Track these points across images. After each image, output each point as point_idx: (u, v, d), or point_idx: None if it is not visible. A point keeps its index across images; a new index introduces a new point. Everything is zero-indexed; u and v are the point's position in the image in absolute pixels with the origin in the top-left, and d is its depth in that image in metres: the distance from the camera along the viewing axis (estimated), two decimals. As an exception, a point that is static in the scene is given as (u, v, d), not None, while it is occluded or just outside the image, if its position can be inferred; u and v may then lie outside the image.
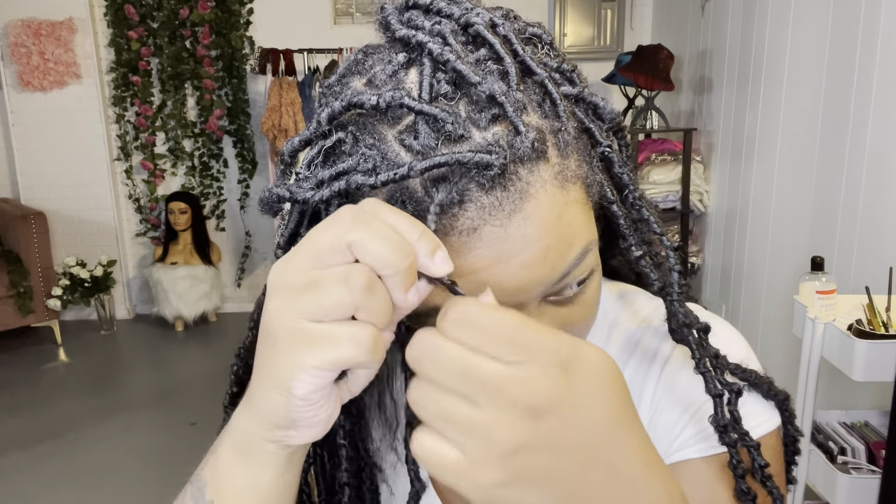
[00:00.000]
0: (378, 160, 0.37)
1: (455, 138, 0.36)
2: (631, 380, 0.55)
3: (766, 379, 0.52)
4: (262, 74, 4.15)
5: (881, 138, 1.95)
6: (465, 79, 0.37)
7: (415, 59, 0.39)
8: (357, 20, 4.28)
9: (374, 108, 0.37)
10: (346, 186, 0.37)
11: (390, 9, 0.42)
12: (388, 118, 0.38)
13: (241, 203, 4.46)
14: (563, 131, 0.39)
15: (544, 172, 0.38)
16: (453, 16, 0.40)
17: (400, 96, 0.36)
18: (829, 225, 2.20)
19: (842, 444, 1.66)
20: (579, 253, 0.40)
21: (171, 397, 3.32)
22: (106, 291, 4.19)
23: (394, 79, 0.39)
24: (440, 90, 0.37)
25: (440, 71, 0.37)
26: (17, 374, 3.64)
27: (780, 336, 2.52)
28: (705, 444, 0.50)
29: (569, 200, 0.39)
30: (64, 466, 2.70)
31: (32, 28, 4.06)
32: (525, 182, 0.37)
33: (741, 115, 2.91)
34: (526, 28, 0.43)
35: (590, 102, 0.43)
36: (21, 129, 4.22)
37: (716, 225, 3.24)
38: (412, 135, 0.37)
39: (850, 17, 2.08)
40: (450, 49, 0.37)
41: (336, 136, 0.39)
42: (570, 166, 0.40)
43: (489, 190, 0.36)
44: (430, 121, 0.36)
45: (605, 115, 0.44)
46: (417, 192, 0.37)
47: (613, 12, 4.13)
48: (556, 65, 0.42)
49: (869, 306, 1.56)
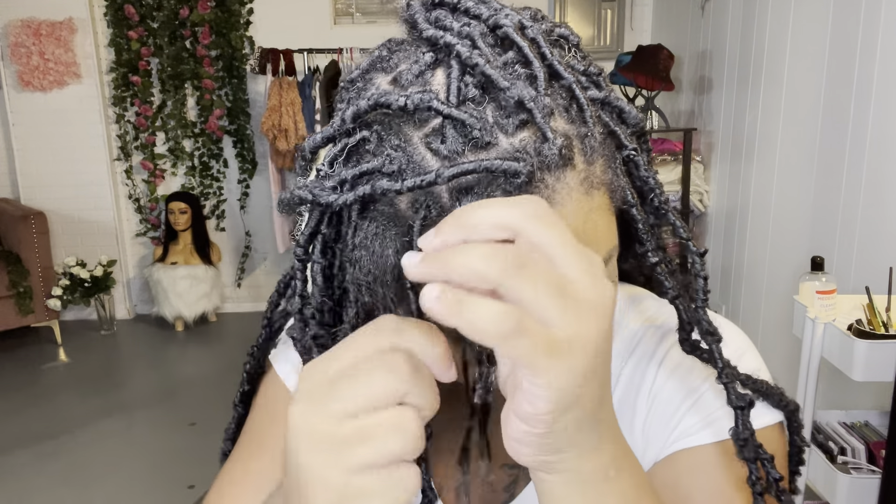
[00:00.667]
0: (403, 162, 0.37)
1: (482, 144, 0.36)
2: (630, 376, 0.56)
3: (777, 389, 0.52)
4: (262, 74, 4.15)
5: (881, 138, 1.95)
6: (493, 83, 0.36)
7: (442, 59, 0.38)
8: (357, 20, 4.28)
9: (401, 109, 0.36)
10: (371, 191, 0.37)
11: (416, 6, 0.41)
12: (415, 120, 0.37)
13: (241, 203, 4.46)
14: (589, 136, 0.39)
15: (571, 179, 0.37)
16: (482, 16, 0.39)
17: (429, 98, 0.36)
18: (829, 225, 2.20)
19: (842, 444, 1.66)
20: (604, 256, 0.40)
21: (171, 397, 3.31)
22: (106, 291, 4.19)
23: (420, 79, 0.38)
24: (468, 94, 0.37)
25: (468, 74, 0.37)
26: (17, 374, 3.64)
27: (780, 336, 2.52)
28: (708, 432, 0.50)
29: (593, 207, 0.39)
30: (64, 466, 2.70)
31: (32, 28, 4.06)
32: (551, 189, 0.37)
33: (741, 115, 2.91)
34: (553, 29, 0.42)
35: (615, 106, 0.43)
36: (21, 129, 4.22)
37: (716, 225, 3.24)
38: (439, 138, 0.36)
39: (850, 17, 2.08)
40: (479, 52, 0.37)
41: (360, 134, 0.38)
42: (596, 172, 0.39)
43: None
44: (458, 125, 0.36)
45: (629, 119, 0.43)
46: (443, 199, 0.36)
47: (613, 12, 4.13)
48: (582, 68, 0.41)
49: (869, 306, 1.56)
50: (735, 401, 0.45)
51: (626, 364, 0.56)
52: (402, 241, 0.38)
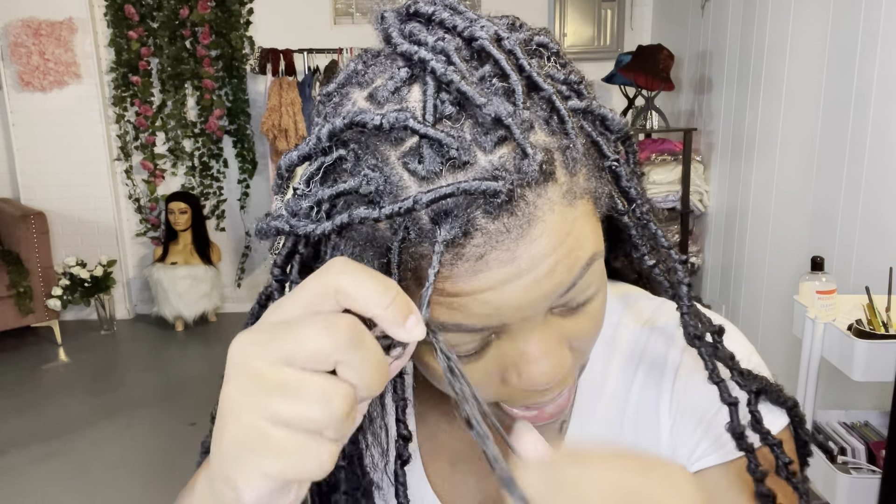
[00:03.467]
0: (381, 183, 0.36)
1: (460, 164, 0.35)
2: (642, 387, 0.55)
3: (776, 386, 0.52)
4: (262, 74, 4.15)
5: (881, 138, 1.95)
6: (469, 100, 0.35)
7: (418, 75, 0.38)
8: (357, 20, 4.28)
9: (377, 128, 0.36)
10: (349, 220, 0.36)
11: (391, 19, 0.40)
12: (392, 139, 0.36)
13: (241, 203, 4.46)
14: (571, 148, 0.38)
15: (552, 193, 0.37)
16: (456, 28, 0.39)
17: (405, 118, 0.35)
18: (829, 225, 2.20)
19: (842, 444, 1.66)
20: (585, 263, 0.39)
21: (171, 397, 3.31)
22: (106, 291, 4.19)
23: (396, 95, 0.37)
24: (444, 111, 0.36)
25: (444, 91, 0.36)
26: (17, 374, 3.64)
27: (780, 336, 2.52)
28: (721, 452, 0.51)
29: (577, 216, 0.38)
30: (64, 466, 2.70)
31: (32, 28, 4.06)
32: (533, 206, 0.36)
33: (741, 115, 2.91)
34: (532, 38, 0.41)
35: (598, 115, 0.42)
36: (21, 129, 4.22)
37: (716, 225, 3.24)
38: (416, 158, 0.36)
39: (850, 17, 2.08)
40: (454, 69, 0.36)
41: (336, 153, 0.38)
42: (579, 182, 0.39)
43: (496, 217, 0.35)
44: (435, 145, 0.35)
45: (613, 126, 0.43)
46: (422, 221, 0.36)
47: (613, 12, 4.13)
48: (563, 77, 0.40)
49: (869, 306, 1.56)
50: (727, 398, 0.47)
51: (636, 374, 0.56)
52: (381, 263, 0.38)
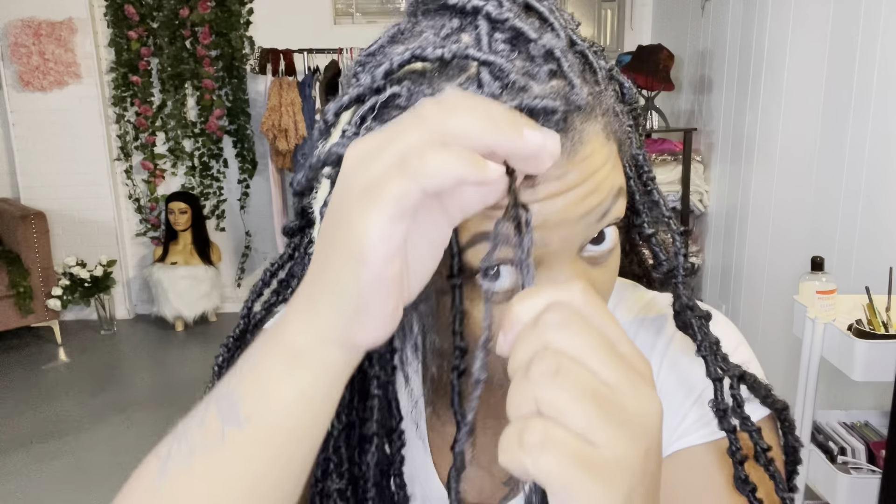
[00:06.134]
0: None
1: (517, 88, 0.36)
2: None
3: (766, 386, 0.51)
4: (262, 74, 4.15)
5: (881, 138, 1.95)
6: (523, 35, 0.37)
7: (468, 24, 0.39)
8: (357, 20, 4.28)
9: (438, 59, 0.37)
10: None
11: None
12: (447, 74, 0.37)
13: (241, 203, 4.46)
14: (604, 94, 0.41)
15: (595, 125, 0.40)
16: None
17: (465, 47, 0.36)
18: (829, 225, 2.20)
19: (842, 444, 1.66)
20: (618, 191, 0.42)
21: (171, 397, 3.31)
22: (106, 291, 4.19)
23: (447, 41, 0.38)
24: (497, 49, 0.37)
25: (497, 31, 0.38)
26: (17, 374, 3.64)
27: (780, 336, 2.52)
28: (706, 430, 0.51)
29: (612, 153, 0.41)
30: (64, 466, 2.70)
31: (32, 28, 4.06)
32: (580, 131, 0.39)
33: (741, 115, 2.91)
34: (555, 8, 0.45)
35: (617, 80, 0.45)
36: (21, 129, 4.22)
37: (716, 225, 3.24)
38: (475, 84, 0.37)
39: (850, 16, 2.08)
40: (507, 8, 0.38)
41: (391, 90, 0.38)
42: (612, 124, 0.42)
43: None
44: (495, 70, 0.36)
45: (627, 94, 0.46)
46: None
47: (613, 12, 4.13)
48: (589, 44, 0.44)
49: (869, 306, 1.56)
50: (714, 373, 0.47)
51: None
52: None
